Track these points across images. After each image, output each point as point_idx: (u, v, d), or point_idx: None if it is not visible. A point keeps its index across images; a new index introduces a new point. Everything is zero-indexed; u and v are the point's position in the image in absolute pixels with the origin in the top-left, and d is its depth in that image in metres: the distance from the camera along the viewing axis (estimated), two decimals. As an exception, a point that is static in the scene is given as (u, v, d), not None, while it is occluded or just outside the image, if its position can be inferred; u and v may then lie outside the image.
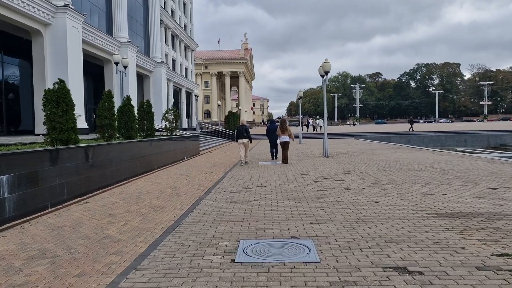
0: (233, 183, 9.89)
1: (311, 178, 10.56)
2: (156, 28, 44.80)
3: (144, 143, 13.21)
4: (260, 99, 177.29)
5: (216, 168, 13.78)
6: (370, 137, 38.58)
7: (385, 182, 9.54)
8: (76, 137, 9.43)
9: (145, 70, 41.64)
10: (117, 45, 32.94)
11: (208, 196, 8.07)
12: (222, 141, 35.06)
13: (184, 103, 58.33)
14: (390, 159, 15.56)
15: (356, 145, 26.50)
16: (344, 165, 13.73)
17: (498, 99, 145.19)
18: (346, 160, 15.45)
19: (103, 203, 7.62)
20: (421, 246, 4.48)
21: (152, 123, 16.10)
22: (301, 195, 7.95)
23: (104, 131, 12.31)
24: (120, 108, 13.99)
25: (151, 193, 8.65)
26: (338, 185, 9.27)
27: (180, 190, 9.01)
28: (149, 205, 7.29)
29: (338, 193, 8.10)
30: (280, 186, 9.22)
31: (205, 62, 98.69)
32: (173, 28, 53.51)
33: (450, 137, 38.27)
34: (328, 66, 17.18)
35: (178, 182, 10.36)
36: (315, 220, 5.86)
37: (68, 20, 24.79)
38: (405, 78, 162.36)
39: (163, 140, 15.58)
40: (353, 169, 12.44)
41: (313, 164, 14.19)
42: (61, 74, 24.74)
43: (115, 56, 21.17)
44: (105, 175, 9.56)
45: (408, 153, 18.23)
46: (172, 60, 54.70)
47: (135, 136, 13.97)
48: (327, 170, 12.34)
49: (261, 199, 7.60)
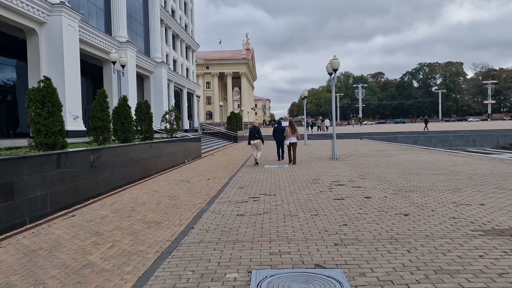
0: (238, 191, 8.93)
1: (324, 184, 9.60)
2: (156, 28, 43.91)
3: (141, 146, 12.27)
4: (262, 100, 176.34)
5: (219, 173, 12.82)
6: (376, 138, 37.58)
7: (408, 189, 8.57)
8: (64, 141, 8.50)
9: (145, 70, 40.75)
10: (116, 44, 32.06)
11: (211, 208, 7.11)
12: (225, 143, 34.12)
13: (186, 104, 57.43)
14: (405, 161, 14.58)
15: (363, 146, 25.51)
16: (357, 168, 12.76)
17: (502, 98, 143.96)
18: (358, 163, 14.48)
19: (91, 216, 6.67)
20: (485, 280, 3.51)
21: (151, 125, 15.16)
22: (316, 206, 6.98)
23: (97, 134, 11.38)
24: (116, 109, 13.08)
25: (146, 204, 7.70)
26: (356, 192, 8.30)
27: (179, 200, 8.06)
28: (143, 220, 6.33)
29: (358, 203, 7.13)
30: (291, 195, 8.26)
31: (207, 62, 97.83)
32: (173, 28, 52.62)
33: (458, 137, 37.24)
34: (337, 63, 16.22)
35: (178, 190, 9.41)
36: (339, 239, 4.90)
37: (64, 18, 23.91)
38: (408, 77, 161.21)
39: (163, 142, 14.64)
40: (368, 173, 11.47)
41: (323, 168, 13.22)
42: (57, 75, 23.87)
43: (112, 54, 20.25)
44: (97, 183, 8.63)
45: (422, 155, 17.24)
46: (173, 61, 53.81)
47: (132, 139, 13.05)
48: (340, 174, 11.37)
49: (271, 211, 6.64)
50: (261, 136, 15.19)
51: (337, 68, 16.33)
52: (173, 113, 18.73)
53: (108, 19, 33.74)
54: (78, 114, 25.41)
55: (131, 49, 34.18)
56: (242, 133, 47.65)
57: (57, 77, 23.82)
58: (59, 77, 23.82)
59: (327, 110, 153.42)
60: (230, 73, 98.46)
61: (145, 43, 43.15)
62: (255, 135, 14.99)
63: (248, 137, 15.36)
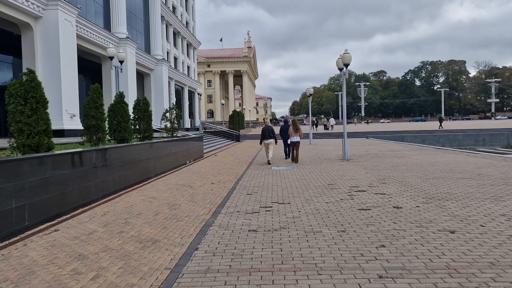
0: (246, 198, 7.92)
1: (342, 190, 8.58)
2: (157, 24, 42.89)
3: (140, 147, 11.27)
4: (263, 98, 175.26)
5: (223, 176, 11.81)
6: (382, 136, 36.54)
7: (440, 196, 7.55)
8: (50, 142, 7.50)
9: (145, 68, 39.76)
10: (115, 41, 31.05)
11: (218, 220, 6.10)
12: (227, 142, 33.10)
13: (187, 102, 56.41)
14: (422, 163, 13.55)
15: (372, 145, 24.48)
16: (373, 171, 11.73)
17: (505, 96, 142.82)
18: (372, 165, 13.45)
19: (76, 232, 5.66)
20: None
21: (150, 124, 14.16)
22: (341, 219, 5.97)
23: (91, 134, 10.39)
24: (112, 106, 12.09)
25: (143, 215, 6.69)
26: (381, 200, 7.29)
27: (180, 210, 7.04)
28: (137, 237, 5.32)
29: (389, 215, 6.12)
30: (308, 203, 7.24)
31: (208, 60, 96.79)
32: (174, 25, 51.59)
33: (467, 136, 36.16)
34: (348, 57, 15.19)
35: (179, 197, 8.40)
36: (382, 269, 3.88)
37: (60, 12, 22.91)
38: (410, 76, 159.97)
39: (163, 142, 13.63)
40: (387, 176, 10.45)
41: (336, 170, 12.20)
42: (53, 71, 22.88)
43: (110, 49, 19.24)
44: (87, 189, 7.62)
45: (438, 156, 16.21)
46: (174, 58, 52.81)
47: (129, 139, 12.05)
48: (357, 178, 10.35)
49: (289, 226, 5.63)
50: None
51: (349, 63, 15.30)
52: (173, 111, 17.72)
53: (107, 15, 32.74)
54: (75, 113, 24.40)
55: (130, 46, 33.17)
56: (245, 132, 46.63)
57: (53, 74, 22.85)
58: (55, 74, 22.86)
59: (329, 109, 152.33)
60: (232, 71, 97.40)
61: (146, 40, 42.14)
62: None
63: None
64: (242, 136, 39.66)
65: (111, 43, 29.63)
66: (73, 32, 24.31)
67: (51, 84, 22.81)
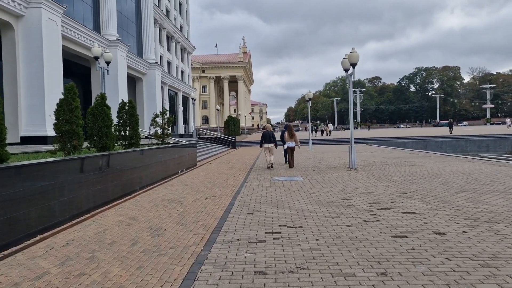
0: (248, 219, 6.47)
1: (362, 207, 7.16)
2: (149, 27, 41.52)
3: (123, 156, 9.80)
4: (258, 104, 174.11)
5: (219, 188, 10.35)
6: (383, 143, 35.29)
7: (484, 217, 6.16)
8: (4, 152, 6.04)
9: (137, 72, 38.33)
10: (104, 43, 29.63)
11: (212, 254, 4.65)
12: (223, 149, 31.64)
13: (181, 108, 54.95)
14: (440, 172, 12.19)
15: (375, 152, 23.14)
16: (388, 182, 10.34)
17: (499, 102, 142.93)
18: (384, 174, 12.07)
19: (20, 274, 4.18)
20: None
21: (137, 129, 12.69)
22: (374, 252, 4.54)
23: (64, 141, 8.92)
24: (92, 110, 10.63)
25: (115, 245, 5.22)
26: (415, 223, 5.88)
27: (165, 237, 5.58)
28: (100, 284, 3.86)
29: (435, 246, 4.70)
30: (325, 226, 5.81)
31: (203, 66, 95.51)
32: (168, 29, 50.28)
33: (470, 142, 35.02)
34: (356, 57, 13.86)
35: (165, 217, 6.93)
36: None
37: (44, 11, 21.47)
38: (405, 82, 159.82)
39: (151, 150, 12.16)
40: (408, 189, 9.05)
41: (346, 181, 10.79)
42: (36, 73, 21.34)
43: (94, 49, 17.77)
44: (50, 210, 6.14)
45: (451, 164, 14.86)
46: (167, 63, 51.43)
47: (111, 146, 10.57)
48: (373, 191, 8.95)
49: (309, 265, 4.19)
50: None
51: (356, 62, 13.97)
52: (164, 116, 16.25)
53: (97, 16, 31.32)
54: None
55: (121, 48, 31.76)
56: (240, 138, 45.19)
57: (35, 76, 21.31)
58: (37, 76, 21.34)
59: (324, 115, 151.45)
60: (227, 76, 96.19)
61: (138, 43, 40.74)
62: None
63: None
64: (238, 142, 38.22)
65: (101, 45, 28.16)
66: (58, 32, 22.85)
67: (34, 88, 21.31)
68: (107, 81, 31.09)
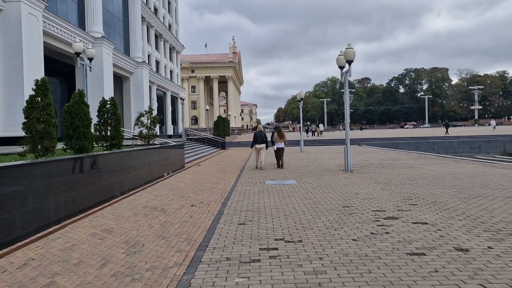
0: (239, 231, 5.69)
1: (366, 216, 6.43)
2: (136, 25, 40.43)
3: (102, 158, 8.94)
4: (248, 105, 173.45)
5: (207, 193, 9.54)
6: (375, 143, 34.80)
7: (506, 228, 5.45)
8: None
9: (124, 70, 37.22)
10: (89, 40, 28.55)
11: (197, 280, 3.85)
12: (212, 150, 30.77)
13: (170, 108, 53.84)
14: (441, 175, 11.54)
15: (368, 153, 22.53)
16: (389, 186, 9.65)
17: (487, 103, 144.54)
18: (383, 178, 11.39)
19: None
20: None
21: (119, 129, 11.83)
22: (391, 276, 3.79)
23: (34, 142, 8.04)
24: (68, 108, 9.78)
25: (82, 265, 4.38)
26: (430, 236, 5.16)
27: (142, 255, 4.76)
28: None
29: (461, 268, 3.97)
30: (328, 241, 5.05)
31: (192, 66, 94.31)
32: (156, 27, 49.20)
33: (463, 143, 34.71)
34: (352, 53, 13.16)
35: (145, 228, 6.10)
36: None
37: (23, 5, 20.38)
38: (394, 83, 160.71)
39: (133, 152, 11.29)
40: (412, 195, 8.35)
41: (343, 185, 10.07)
42: (14, 71, 20.23)
43: (76, 44, 16.79)
44: (10, 222, 5.27)
45: (452, 166, 14.26)
46: (155, 62, 50.33)
47: (90, 147, 9.71)
48: (375, 196, 8.23)
49: (315, 294, 3.42)
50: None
51: (352, 59, 13.27)
52: (150, 115, 15.39)
53: (82, 12, 30.20)
54: (41, 118, 21.56)
55: (107, 46, 30.67)
56: (230, 139, 44.37)
57: (14, 75, 20.19)
58: (17, 75, 20.23)
59: (314, 115, 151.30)
60: (217, 77, 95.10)
61: (125, 42, 39.63)
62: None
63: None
64: (228, 143, 37.39)
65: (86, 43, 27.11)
66: (39, 28, 21.76)
67: (13, 86, 20.20)
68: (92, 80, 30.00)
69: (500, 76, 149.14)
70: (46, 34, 22.98)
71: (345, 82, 14.03)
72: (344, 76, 13.92)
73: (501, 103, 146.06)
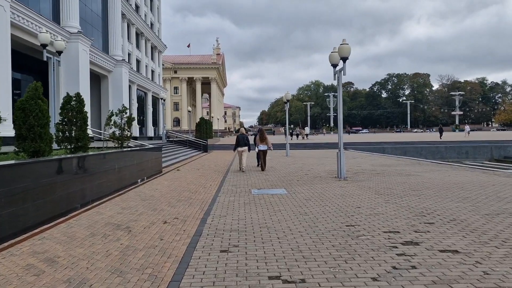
0: (221, 262, 4.38)
1: (378, 240, 5.19)
2: (116, 22, 38.67)
3: (59, 164, 7.49)
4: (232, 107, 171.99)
5: (184, 205, 8.18)
6: (361, 148, 33.92)
7: (559, 259, 4.32)
8: None
9: (102, 69, 35.39)
10: (64, 35, 26.76)
11: None
12: (193, 153, 29.30)
13: (151, 109, 51.99)
14: (446, 184, 10.45)
15: (357, 158, 21.49)
16: (393, 198, 8.48)
17: (467, 109, 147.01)
18: (382, 187, 10.24)
19: None
20: None
21: (85, 129, 10.36)
22: None
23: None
24: (21, 104, 8.34)
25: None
26: (470, 272, 3.95)
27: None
28: None
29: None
30: (341, 282, 3.79)
31: (175, 66, 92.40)
32: (137, 25, 47.43)
33: (450, 148, 34.15)
34: (347, 50, 12.03)
35: (98, 259, 4.72)
36: None
37: (-15, -7, 18.64)
38: (377, 88, 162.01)
39: (99, 156, 9.84)
40: (423, 210, 7.19)
41: (340, 196, 8.85)
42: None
43: (42, 35, 15.20)
44: None
45: (452, 174, 13.25)
46: (136, 61, 48.49)
47: (47, 150, 8.27)
48: (380, 211, 7.03)
49: None
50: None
51: (347, 56, 12.14)
52: (123, 115, 13.91)
53: (56, 5, 28.37)
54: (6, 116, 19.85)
55: (83, 42, 28.88)
56: (213, 141, 42.91)
57: (-23, 69, 18.49)
58: (-21, 69, 18.49)
59: (297, 119, 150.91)
60: (200, 78, 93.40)
61: (104, 39, 37.78)
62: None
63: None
64: (210, 146, 35.95)
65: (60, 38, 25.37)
66: (6, 19, 19.96)
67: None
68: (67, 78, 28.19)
69: (480, 83, 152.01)
70: (15, 27, 21.20)
71: (339, 82, 12.88)
72: (337, 75, 12.77)
73: (481, 109, 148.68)
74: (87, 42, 29.73)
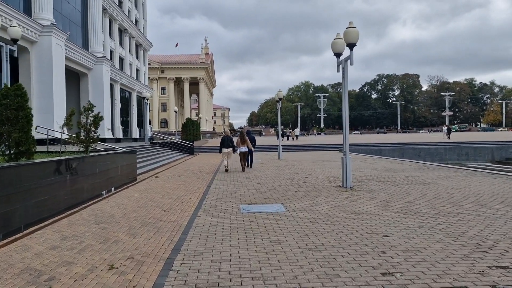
0: None
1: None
2: (97, 16, 36.21)
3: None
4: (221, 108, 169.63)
5: (149, 232, 6.06)
6: (358, 150, 32.10)
7: None
8: None
9: (81, 66, 32.92)
10: (36, 28, 24.35)
11: None
12: (178, 156, 27.07)
13: (135, 110, 49.47)
14: (479, 196, 8.51)
15: (357, 161, 19.54)
16: (424, 218, 6.48)
17: (456, 110, 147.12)
18: (402, 200, 8.24)
19: None
20: None
21: (28, 130, 8.16)
22: None
23: None
24: None
25: None
26: None
27: None
28: None
29: None
30: None
31: (162, 66, 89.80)
32: (120, 21, 44.96)
33: (449, 149, 32.53)
34: (355, 34, 10.03)
35: None
36: None
37: None
38: (367, 88, 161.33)
39: (48, 163, 7.66)
40: (478, 239, 5.20)
41: (354, 215, 6.82)
42: None
43: (-8, 19, 12.87)
44: None
45: (474, 181, 11.34)
46: (119, 59, 46.01)
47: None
48: (420, 245, 5.01)
49: None
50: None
51: (355, 42, 10.15)
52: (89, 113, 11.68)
53: (27, -5, 25.93)
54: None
55: (57, 35, 26.42)
56: (200, 143, 40.70)
57: None
58: None
59: (287, 120, 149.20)
60: (188, 78, 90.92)
61: (83, 34, 35.29)
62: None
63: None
64: (197, 148, 33.77)
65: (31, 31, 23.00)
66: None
67: None
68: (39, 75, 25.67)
69: (469, 83, 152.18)
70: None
71: (345, 74, 10.83)
72: (342, 65, 10.75)
73: (470, 110, 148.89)
74: (62, 36, 27.28)
